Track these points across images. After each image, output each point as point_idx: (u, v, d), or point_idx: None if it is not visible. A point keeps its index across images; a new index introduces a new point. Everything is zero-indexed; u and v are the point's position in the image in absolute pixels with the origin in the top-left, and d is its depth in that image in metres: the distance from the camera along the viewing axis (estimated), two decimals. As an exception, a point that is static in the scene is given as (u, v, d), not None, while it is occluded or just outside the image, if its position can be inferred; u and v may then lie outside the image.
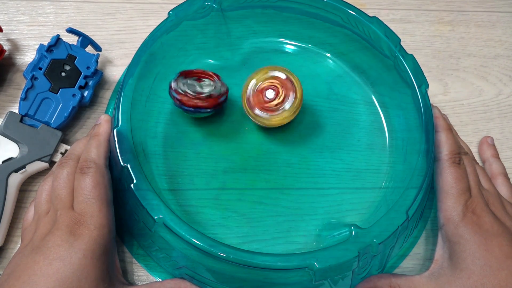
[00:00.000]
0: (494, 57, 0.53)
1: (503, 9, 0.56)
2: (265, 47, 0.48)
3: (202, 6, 0.43)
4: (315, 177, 0.43)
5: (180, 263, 0.36)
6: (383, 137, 0.45)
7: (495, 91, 0.51)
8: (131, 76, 0.39)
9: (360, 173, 0.44)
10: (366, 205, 0.42)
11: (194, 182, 0.42)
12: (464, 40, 0.53)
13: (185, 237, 0.33)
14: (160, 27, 0.42)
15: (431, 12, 0.55)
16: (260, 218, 0.41)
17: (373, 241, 0.34)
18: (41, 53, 0.42)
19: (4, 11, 0.49)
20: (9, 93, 0.45)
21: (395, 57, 0.43)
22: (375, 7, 0.54)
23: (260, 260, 0.33)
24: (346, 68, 0.48)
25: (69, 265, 0.31)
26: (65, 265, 0.31)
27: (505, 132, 0.49)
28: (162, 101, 0.44)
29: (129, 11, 0.51)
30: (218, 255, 0.32)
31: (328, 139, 0.45)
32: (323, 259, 0.33)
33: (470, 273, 0.34)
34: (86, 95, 0.43)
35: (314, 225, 0.41)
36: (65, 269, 0.31)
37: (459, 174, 0.38)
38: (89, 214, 0.33)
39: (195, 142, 0.43)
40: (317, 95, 0.47)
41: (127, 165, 0.35)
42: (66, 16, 0.49)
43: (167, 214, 0.34)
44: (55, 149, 0.41)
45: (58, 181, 0.36)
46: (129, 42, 0.49)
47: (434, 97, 0.50)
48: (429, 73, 0.51)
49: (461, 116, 0.49)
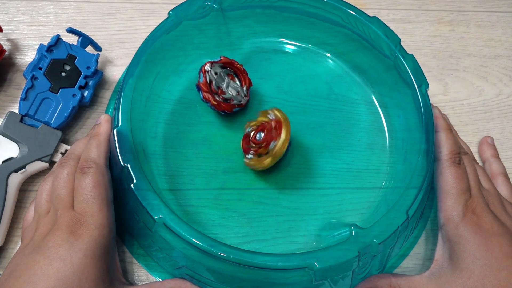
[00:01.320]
0: (494, 57, 0.53)
1: (503, 9, 0.56)
2: (265, 47, 0.48)
3: (202, 6, 0.43)
4: (315, 177, 0.43)
5: (180, 263, 0.36)
6: (383, 137, 0.45)
7: (495, 91, 0.51)
8: (131, 76, 0.39)
9: (360, 173, 0.44)
10: (366, 205, 0.42)
11: (194, 182, 0.42)
12: (464, 40, 0.53)
13: (185, 237, 0.33)
14: (160, 27, 0.42)
15: (431, 12, 0.55)
16: (260, 218, 0.41)
17: (373, 241, 0.34)
18: (41, 53, 0.42)
19: (4, 11, 0.49)
20: (9, 93, 0.45)
21: (395, 57, 0.43)
22: (375, 7, 0.54)
23: (260, 260, 0.33)
24: (346, 68, 0.48)
25: (69, 265, 0.31)
26: (66, 265, 0.31)
27: (505, 132, 0.49)
28: (162, 101, 0.44)
29: (129, 11, 0.51)
30: (219, 255, 0.32)
31: (328, 139, 0.45)
32: (323, 259, 0.33)
33: (470, 273, 0.34)
34: (86, 95, 0.43)
35: (314, 225, 0.41)
36: (66, 268, 0.31)
37: (459, 174, 0.38)
38: (90, 213, 0.33)
39: (195, 142, 0.43)
40: (317, 95, 0.47)
41: (127, 165, 0.35)
42: (66, 16, 0.49)
43: (167, 214, 0.34)
44: (55, 149, 0.41)
45: (58, 181, 0.36)
46: (129, 42, 0.49)
47: (434, 97, 0.50)
48: (429, 73, 0.51)
49: (461, 116, 0.49)
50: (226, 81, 0.41)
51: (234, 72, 0.44)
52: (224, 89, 0.42)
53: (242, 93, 0.43)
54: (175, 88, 0.45)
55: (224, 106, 0.42)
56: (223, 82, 0.42)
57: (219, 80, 0.41)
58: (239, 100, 0.43)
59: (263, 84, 0.46)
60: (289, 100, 0.46)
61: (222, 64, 0.42)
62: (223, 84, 0.42)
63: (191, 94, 0.45)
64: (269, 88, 0.46)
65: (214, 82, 0.41)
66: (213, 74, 0.41)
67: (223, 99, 0.42)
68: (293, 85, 0.47)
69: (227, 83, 0.42)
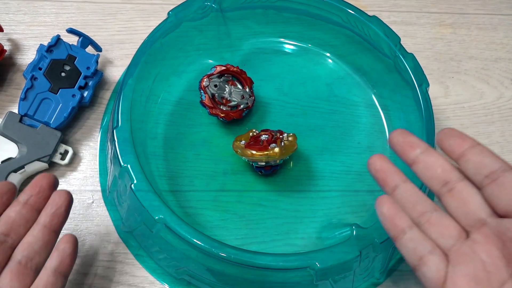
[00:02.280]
0: (496, 60, 0.53)
1: (505, 12, 0.56)
2: (265, 48, 0.48)
3: (201, 6, 0.43)
4: (314, 179, 0.43)
5: (180, 263, 0.36)
6: (384, 139, 0.45)
7: (496, 94, 0.51)
8: (131, 77, 0.39)
9: (359, 175, 0.43)
10: (365, 208, 0.42)
11: (193, 184, 0.42)
12: (465, 42, 0.53)
13: (186, 237, 0.33)
14: (159, 27, 0.42)
15: (433, 15, 0.55)
16: (259, 220, 0.41)
17: (375, 240, 0.34)
18: (41, 53, 0.42)
19: (5, 11, 0.49)
20: (9, 93, 0.45)
21: (395, 56, 0.43)
22: (376, 9, 0.54)
23: (261, 260, 0.33)
24: (347, 69, 0.48)
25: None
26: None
27: (506, 135, 0.48)
28: (162, 101, 0.44)
29: (129, 11, 0.51)
30: (220, 255, 0.32)
31: (328, 141, 0.45)
32: (324, 259, 0.33)
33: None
34: (86, 96, 0.43)
35: (313, 227, 0.41)
36: None
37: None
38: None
39: (195, 143, 0.43)
40: (317, 97, 0.47)
41: (127, 166, 0.35)
42: (67, 16, 0.49)
43: (168, 215, 0.33)
44: (54, 149, 0.41)
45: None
46: (129, 43, 0.49)
47: (435, 99, 0.49)
48: (430, 76, 0.51)
49: (462, 119, 0.49)
50: (227, 89, 0.42)
51: (233, 76, 0.43)
52: (228, 98, 0.42)
53: (247, 95, 0.43)
54: (175, 89, 0.45)
55: (233, 114, 0.42)
56: (225, 91, 0.42)
57: (220, 91, 0.41)
58: (246, 102, 0.43)
59: (263, 86, 0.46)
60: (290, 102, 0.46)
61: (218, 74, 0.42)
62: (225, 93, 0.42)
63: (191, 95, 0.45)
64: (270, 90, 0.46)
65: (217, 94, 0.41)
66: (212, 87, 0.41)
67: (230, 107, 0.42)
68: (294, 87, 0.47)
69: (229, 91, 0.42)
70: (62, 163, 0.42)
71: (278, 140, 0.39)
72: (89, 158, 0.43)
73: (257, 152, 0.38)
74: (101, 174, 0.42)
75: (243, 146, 0.39)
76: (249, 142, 0.40)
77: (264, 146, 0.38)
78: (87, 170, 0.43)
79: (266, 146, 0.38)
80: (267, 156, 0.38)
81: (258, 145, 0.39)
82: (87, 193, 0.42)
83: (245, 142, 0.40)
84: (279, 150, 0.37)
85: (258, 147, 0.38)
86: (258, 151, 0.38)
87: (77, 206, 0.41)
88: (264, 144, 0.39)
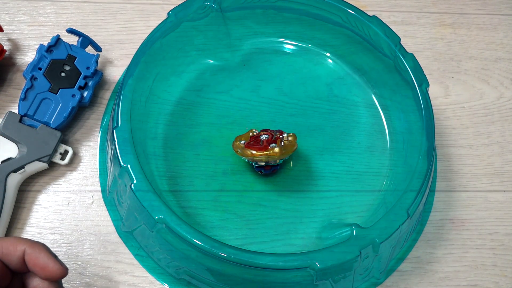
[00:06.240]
0: (496, 60, 0.53)
1: (505, 12, 0.56)
2: (265, 48, 0.48)
3: (201, 6, 0.43)
4: (314, 180, 0.43)
5: (180, 263, 0.36)
6: (384, 139, 0.45)
7: (496, 94, 0.51)
8: (131, 77, 0.39)
9: (360, 175, 0.43)
10: (365, 208, 0.42)
11: (193, 184, 0.42)
12: (465, 42, 0.53)
13: (186, 237, 0.33)
14: (159, 27, 0.42)
15: (433, 15, 0.55)
16: (259, 220, 0.41)
17: (375, 240, 0.34)
18: (41, 53, 0.42)
19: (5, 11, 0.49)
20: (9, 93, 0.45)
21: (395, 56, 0.43)
22: (376, 9, 0.54)
23: (261, 260, 0.33)
24: (347, 69, 0.48)
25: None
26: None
27: (506, 135, 0.48)
28: (162, 102, 0.44)
29: (130, 11, 0.51)
30: (220, 256, 0.32)
31: (328, 141, 0.45)
32: (324, 259, 0.33)
33: None
34: (86, 96, 0.43)
35: (313, 227, 0.41)
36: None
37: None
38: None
39: (195, 143, 0.43)
40: (317, 97, 0.47)
41: (127, 166, 0.35)
42: (67, 16, 0.49)
43: (168, 215, 0.33)
44: (54, 149, 0.41)
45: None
46: (129, 43, 0.49)
47: (435, 99, 0.49)
48: (430, 76, 0.51)
49: (462, 119, 0.49)
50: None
51: None
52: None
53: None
54: (175, 89, 0.45)
55: None
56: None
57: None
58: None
59: (263, 86, 0.46)
60: (290, 102, 0.46)
61: None
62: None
63: (191, 95, 0.45)
64: (269, 90, 0.46)
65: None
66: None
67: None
68: (294, 87, 0.47)
69: None
70: (62, 163, 0.42)
71: (278, 140, 0.39)
72: (89, 158, 0.43)
73: (257, 152, 0.38)
74: (101, 174, 0.42)
75: (243, 146, 0.39)
76: (249, 142, 0.40)
77: (264, 146, 0.38)
78: (87, 170, 0.43)
79: (266, 146, 0.38)
80: (267, 156, 0.38)
81: (258, 145, 0.39)
82: (87, 193, 0.42)
83: (245, 142, 0.40)
84: (279, 150, 0.37)
85: (258, 147, 0.38)
86: (258, 151, 0.38)
87: (77, 206, 0.41)
88: (264, 144, 0.39)
